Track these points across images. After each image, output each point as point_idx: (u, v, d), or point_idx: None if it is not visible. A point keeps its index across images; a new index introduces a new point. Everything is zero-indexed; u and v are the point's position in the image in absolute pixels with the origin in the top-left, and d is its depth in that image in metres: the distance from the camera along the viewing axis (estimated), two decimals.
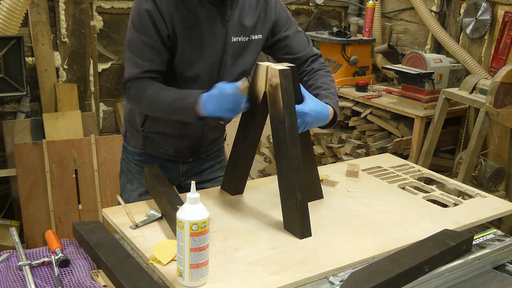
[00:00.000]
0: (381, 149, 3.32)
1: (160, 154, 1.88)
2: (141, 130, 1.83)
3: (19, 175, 3.07)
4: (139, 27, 1.61)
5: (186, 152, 1.88)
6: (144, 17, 1.59)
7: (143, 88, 1.62)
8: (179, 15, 1.61)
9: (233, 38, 1.70)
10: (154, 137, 1.84)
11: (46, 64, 3.25)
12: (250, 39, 1.75)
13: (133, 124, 1.87)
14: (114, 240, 1.45)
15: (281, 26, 1.81)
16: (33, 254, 1.42)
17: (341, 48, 3.71)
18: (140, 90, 1.63)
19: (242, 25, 1.71)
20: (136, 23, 1.62)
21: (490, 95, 2.76)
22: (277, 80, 1.49)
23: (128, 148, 1.93)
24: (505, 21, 3.23)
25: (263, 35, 1.78)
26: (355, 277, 1.27)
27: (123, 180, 1.96)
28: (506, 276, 1.49)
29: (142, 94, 1.63)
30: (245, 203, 1.73)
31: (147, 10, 1.58)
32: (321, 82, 1.78)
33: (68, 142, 3.18)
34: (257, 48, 1.80)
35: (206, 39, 1.66)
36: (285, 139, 1.50)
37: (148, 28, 1.60)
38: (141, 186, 1.90)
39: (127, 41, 1.66)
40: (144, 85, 1.63)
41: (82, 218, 3.20)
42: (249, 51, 1.76)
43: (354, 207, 1.73)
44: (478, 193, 1.90)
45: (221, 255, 1.40)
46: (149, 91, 1.62)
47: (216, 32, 1.67)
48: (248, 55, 1.76)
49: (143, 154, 1.89)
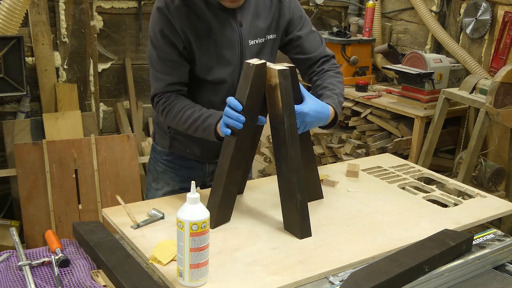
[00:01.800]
0: (381, 149, 3.32)
1: (187, 155, 1.92)
2: (168, 132, 1.88)
3: (19, 175, 3.07)
4: (156, 44, 1.67)
5: (212, 153, 1.88)
6: (160, 36, 1.64)
7: (170, 104, 1.69)
8: (192, 25, 1.64)
9: (250, 42, 1.72)
10: (180, 139, 1.88)
11: (46, 64, 3.25)
12: (266, 39, 1.77)
13: (161, 126, 1.91)
14: (114, 240, 1.45)
15: (295, 25, 1.82)
16: (33, 254, 1.42)
17: (341, 48, 3.71)
18: (167, 107, 1.69)
19: (257, 28, 1.74)
20: (153, 40, 1.68)
21: (490, 95, 2.76)
22: (276, 80, 1.49)
23: (157, 148, 1.98)
24: (505, 21, 3.23)
25: (278, 35, 1.80)
26: (355, 277, 1.27)
27: (149, 179, 2.02)
28: (506, 276, 1.49)
29: (169, 110, 1.69)
30: (245, 203, 1.73)
31: (160, 30, 1.63)
32: (328, 82, 1.78)
33: (68, 142, 3.18)
34: (274, 48, 1.82)
35: (222, 45, 1.69)
36: (285, 139, 1.50)
37: (165, 45, 1.65)
38: (166, 185, 1.96)
39: (148, 57, 1.72)
40: (170, 102, 1.69)
41: (82, 218, 3.19)
42: (266, 51, 1.78)
43: (354, 207, 1.73)
44: (478, 193, 1.90)
45: (221, 255, 1.40)
46: (175, 109, 1.68)
47: (231, 37, 1.69)
48: (265, 55, 1.78)
49: (171, 154, 1.94)
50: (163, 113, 1.71)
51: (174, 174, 1.96)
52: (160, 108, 1.72)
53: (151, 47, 1.69)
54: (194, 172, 1.94)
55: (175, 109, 1.68)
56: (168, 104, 1.70)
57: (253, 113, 1.55)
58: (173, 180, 1.96)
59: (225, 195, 1.56)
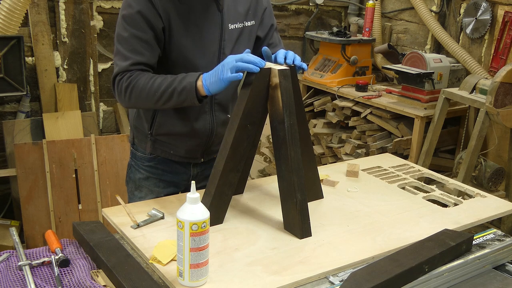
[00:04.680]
0: (381, 149, 3.32)
1: (171, 157, 1.85)
2: (149, 134, 1.82)
3: (19, 175, 3.07)
4: (131, 23, 1.59)
5: (197, 151, 1.86)
6: (138, 16, 1.59)
7: (135, 78, 1.59)
8: (174, 7, 1.61)
9: (230, 26, 1.71)
10: (163, 139, 1.82)
11: (46, 64, 3.25)
12: (244, 25, 1.76)
13: (141, 129, 1.85)
14: (114, 240, 1.45)
15: (269, 17, 1.85)
16: (33, 254, 1.42)
17: (341, 48, 3.71)
18: (132, 81, 1.59)
19: (237, 12, 1.73)
20: (127, 19, 1.60)
21: (490, 95, 2.76)
22: (277, 80, 1.49)
23: (137, 154, 1.90)
24: (505, 21, 3.23)
25: (256, 22, 1.80)
26: (355, 277, 1.27)
27: (130, 188, 1.94)
28: (506, 276, 1.49)
29: (135, 85, 1.58)
30: (245, 203, 1.73)
31: (139, 10, 1.58)
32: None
33: (68, 142, 3.18)
34: (251, 35, 1.81)
35: (203, 29, 1.67)
36: (285, 139, 1.50)
37: (142, 24, 1.59)
38: (150, 193, 1.88)
39: (117, 35, 1.63)
40: (135, 76, 1.60)
41: (82, 218, 3.20)
42: (244, 37, 1.78)
43: (354, 207, 1.73)
44: (478, 193, 1.90)
45: (221, 255, 1.40)
46: (142, 81, 1.58)
47: (213, 20, 1.68)
48: (243, 41, 1.77)
49: (153, 159, 1.87)
50: (128, 89, 1.59)
51: (157, 180, 1.88)
52: (123, 84, 1.59)
53: (123, 25, 1.60)
54: (178, 176, 1.87)
55: (142, 81, 1.57)
56: (133, 79, 1.58)
57: (253, 117, 1.55)
58: (157, 186, 1.89)
59: (217, 196, 1.55)
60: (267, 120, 1.61)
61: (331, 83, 3.69)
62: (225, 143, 1.55)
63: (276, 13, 4.18)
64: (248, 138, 1.56)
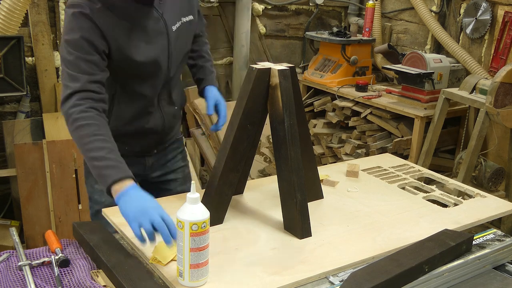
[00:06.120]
0: (381, 149, 3.32)
1: (126, 152, 1.78)
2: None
3: (19, 175, 3.07)
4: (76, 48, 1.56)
5: (150, 146, 1.90)
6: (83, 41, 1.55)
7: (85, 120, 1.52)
8: (115, 24, 1.60)
9: (173, 27, 1.73)
10: (118, 139, 1.74)
11: (46, 64, 3.25)
12: (182, 21, 1.77)
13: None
14: (114, 240, 1.45)
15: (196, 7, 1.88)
16: (33, 254, 1.42)
17: (341, 48, 3.71)
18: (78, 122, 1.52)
19: (175, 12, 1.74)
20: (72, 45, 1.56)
21: (490, 95, 2.76)
22: (277, 80, 1.49)
23: None
24: (505, 21, 3.23)
25: (194, 16, 1.82)
26: (355, 277, 1.27)
27: (90, 182, 1.90)
28: (506, 276, 1.49)
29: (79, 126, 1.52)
30: (245, 203, 1.73)
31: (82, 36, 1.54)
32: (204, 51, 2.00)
33: (68, 142, 3.17)
34: (190, 31, 1.83)
35: (150, 39, 1.67)
36: (285, 139, 1.50)
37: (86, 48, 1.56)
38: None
39: (63, 59, 1.60)
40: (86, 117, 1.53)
41: (82, 218, 3.19)
42: (184, 33, 1.78)
43: (354, 207, 1.73)
44: (478, 193, 1.90)
45: (221, 255, 1.40)
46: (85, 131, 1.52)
47: (156, 27, 1.68)
48: (183, 39, 1.79)
49: None
50: (73, 125, 1.53)
51: None
52: (73, 116, 1.53)
53: (67, 50, 1.57)
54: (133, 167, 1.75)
55: (85, 131, 1.51)
56: (82, 121, 1.52)
57: (253, 117, 1.55)
58: None
59: (217, 196, 1.55)
60: (267, 120, 1.61)
61: (331, 83, 3.69)
62: (225, 143, 1.55)
63: (276, 13, 4.19)
64: (248, 138, 1.57)
